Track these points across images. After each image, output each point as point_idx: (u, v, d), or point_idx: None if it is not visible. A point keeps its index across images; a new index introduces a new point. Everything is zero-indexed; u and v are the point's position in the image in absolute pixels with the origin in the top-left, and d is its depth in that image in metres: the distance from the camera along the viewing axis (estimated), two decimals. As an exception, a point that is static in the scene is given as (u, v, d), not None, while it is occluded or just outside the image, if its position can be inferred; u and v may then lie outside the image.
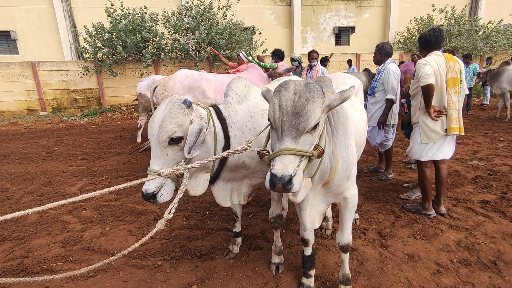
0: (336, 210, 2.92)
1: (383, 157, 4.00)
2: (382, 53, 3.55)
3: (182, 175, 1.50)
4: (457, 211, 2.92)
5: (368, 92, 3.79)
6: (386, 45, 3.57)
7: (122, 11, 9.02)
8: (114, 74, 9.43)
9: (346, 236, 1.86)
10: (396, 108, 3.61)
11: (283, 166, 1.13)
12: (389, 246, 2.41)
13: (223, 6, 10.03)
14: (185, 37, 9.25)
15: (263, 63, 4.36)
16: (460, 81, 2.66)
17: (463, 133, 2.72)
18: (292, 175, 1.12)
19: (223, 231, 2.73)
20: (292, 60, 5.38)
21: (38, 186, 3.97)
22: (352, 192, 1.74)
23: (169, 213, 1.45)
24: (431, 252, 2.31)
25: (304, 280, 1.98)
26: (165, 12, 9.65)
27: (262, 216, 2.98)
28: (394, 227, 2.69)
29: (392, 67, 3.45)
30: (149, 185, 1.44)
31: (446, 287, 1.96)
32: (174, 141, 1.45)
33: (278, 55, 5.16)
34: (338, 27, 13.38)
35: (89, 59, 9.69)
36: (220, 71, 9.83)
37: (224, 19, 10.12)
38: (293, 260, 2.27)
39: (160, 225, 1.44)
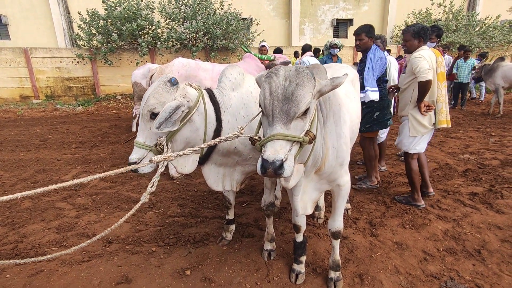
0: (328, 200, 2.98)
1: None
2: (385, 45, 3.60)
3: (162, 149, 1.55)
4: (446, 202, 2.99)
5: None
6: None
7: (117, -3, 8.83)
8: (109, 62, 9.29)
9: (337, 222, 1.89)
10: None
11: (274, 151, 1.14)
12: (379, 235, 2.48)
13: (221, -5, 9.89)
14: (182, 26, 9.12)
15: (260, 55, 4.35)
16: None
17: (450, 125, 2.80)
18: (283, 160, 1.13)
19: (217, 219, 2.77)
20: (335, 46, 5.21)
21: (32, 173, 3.96)
22: (345, 179, 1.77)
23: (151, 187, 1.48)
24: (419, 241, 2.38)
25: (295, 266, 2.03)
26: (161, 0, 9.47)
27: (256, 205, 3.02)
28: (384, 217, 2.75)
29: (392, 59, 3.48)
30: (133, 156, 1.57)
31: (432, 274, 2.03)
32: (155, 116, 1.52)
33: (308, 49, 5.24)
34: (337, 19, 13.29)
35: (83, 47, 9.51)
36: (217, 61, 9.75)
37: (222, 8, 9.98)
38: (285, 248, 2.32)
39: (144, 198, 1.48)
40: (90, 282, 1.99)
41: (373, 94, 2.84)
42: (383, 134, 3.78)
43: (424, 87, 2.55)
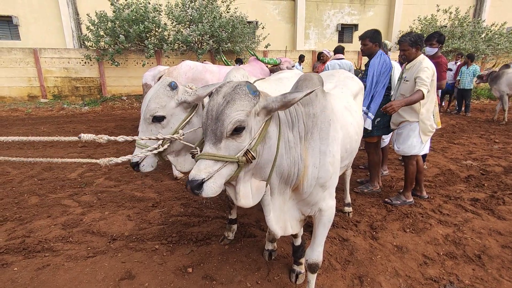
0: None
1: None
2: (386, 51, 3.64)
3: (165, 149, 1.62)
4: (447, 207, 3.00)
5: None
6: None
7: (126, 0, 8.99)
8: (116, 63, 9.42)
9: (316, 253, 1.69)
10: None
11: (198, 170, 1.12)
12: (379, 238, 2.50)
13: (227, -1, 10.01)
14: (188, 29, 9.24)
15: (266, 59, 4.42)
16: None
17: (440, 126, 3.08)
18: (205, 180, 1.11)
19: (219, 219, 2.81)
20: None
21: (39, 171, 4.04)
22: (328, 204, 1.59)
23: (118, 157, 1.41)
24: (419, 245, 2.40)
25: (295, 267, 2.06)
26: (168, 3, 9.61)
27: (258, 206, 3.05)
28: (385, 221, 2.77)
29: (395, 64, 3.50)
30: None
31: (431, 277, 2.04)
32: (157, 119, 1.59)
33: (340, 51, 5.24)
34: (342, 24, 13.35)
35: (91, 48, 9.67)
36: (221, 64, 9.82)
37: (228, 12, 10.09)
38: (286, 248, 2.36)
39: (104, 161, 1.39)
40: (94, 277, 2.04)
41: (365, 121, 2.92)
42: (386, 139, 3.80)
43: (419, 96, 2.68)
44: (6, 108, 8.64)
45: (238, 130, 1.15)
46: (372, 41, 2.98)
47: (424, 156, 3.83)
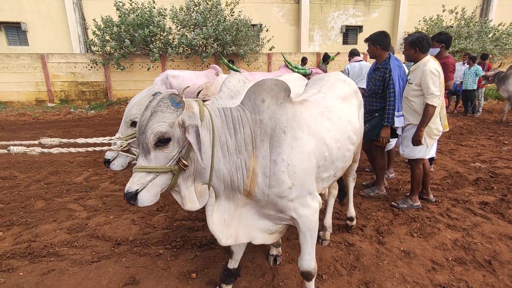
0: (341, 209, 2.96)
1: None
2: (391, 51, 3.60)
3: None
4: (456, 211, 2.94)
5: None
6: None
7: (131, 5, 9.10)
8: (122, 67, 9.53)
9: (305, 261, 1.65)
10: None
11: (132, 183, 1.19)
12: (386, 242, 2.45)
13: (231, 2, 10.04)
14: (193, 33, 9.30)
15: (297, 69, 4.47)
16: None
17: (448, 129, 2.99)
18: (138, 191, 1.18)
19: (224, 223, 2.79)
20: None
21: (46, 175, 4.08)
22: (300, 213, 1.50)
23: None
24: (427, 250, 2.35)
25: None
26: (173, 7, 9.70)
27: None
28: (392, 225, 2.73)
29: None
30: (107, 154, 1.75)
31: (440, 284, 1.99)
32: (135, 124, 1.67)
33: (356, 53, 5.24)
34: (346, 26, 13.30)
35: (97, 52, 9.79)
36: (224, 68, 9.85)
37: (232, 15, 10.13)
38: (291, 253, 2.33)
39: (15, 149, 1.31)
40: (99, 283, 2.03)
41: (398, 121, 2.90)
42: (392, 142, 3.75)
43: (432, 111, 2.66)
44: (14, 113, 8.79)
45: (164, 142, 1.20)
46: (373, 44, 2.92)
47: (431, 159, 3.77)
